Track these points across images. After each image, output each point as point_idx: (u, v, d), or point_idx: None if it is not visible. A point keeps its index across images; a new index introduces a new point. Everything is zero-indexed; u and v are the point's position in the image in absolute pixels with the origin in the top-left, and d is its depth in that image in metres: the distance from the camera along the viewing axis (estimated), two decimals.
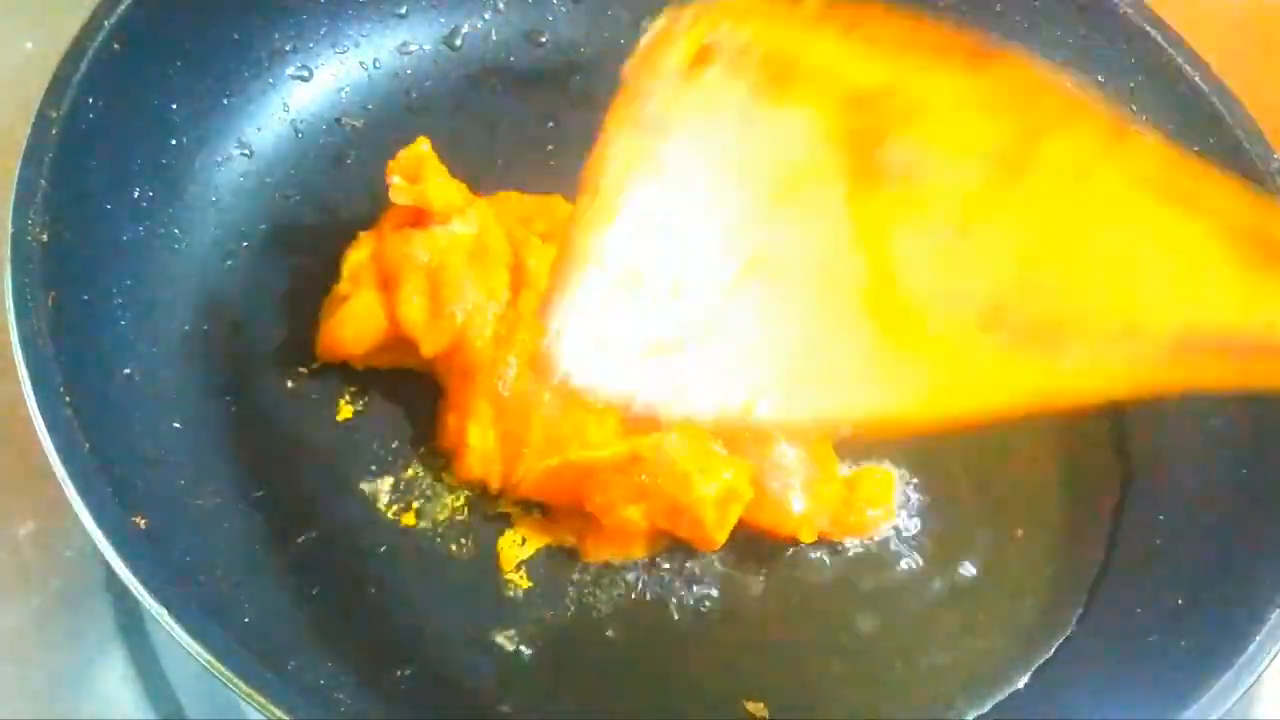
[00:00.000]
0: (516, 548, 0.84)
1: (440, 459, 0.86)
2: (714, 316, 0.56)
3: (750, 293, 0.56)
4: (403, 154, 0.88)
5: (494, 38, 1.09)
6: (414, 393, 0.89)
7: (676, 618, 0.83)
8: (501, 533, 0.84)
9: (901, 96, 0.56)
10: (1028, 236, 0.54)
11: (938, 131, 0.56)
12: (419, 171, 0.88)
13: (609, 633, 0.82)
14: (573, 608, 0.82)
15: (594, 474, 0.81)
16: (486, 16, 1.09)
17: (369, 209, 0.92)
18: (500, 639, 0.80)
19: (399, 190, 0.87)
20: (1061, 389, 0.53)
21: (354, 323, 0.86)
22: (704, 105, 0.58)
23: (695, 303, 0.56)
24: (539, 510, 0.85)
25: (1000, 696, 0.82)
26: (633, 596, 0.83)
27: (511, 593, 0.82)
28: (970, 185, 0.54)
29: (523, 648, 0.80)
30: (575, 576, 0.83)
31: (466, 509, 0.85)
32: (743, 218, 0.57)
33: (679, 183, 0.58)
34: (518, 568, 0.83)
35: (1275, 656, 0.73)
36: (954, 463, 0.91)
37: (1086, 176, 0.54)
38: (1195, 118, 0.97)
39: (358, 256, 0.88)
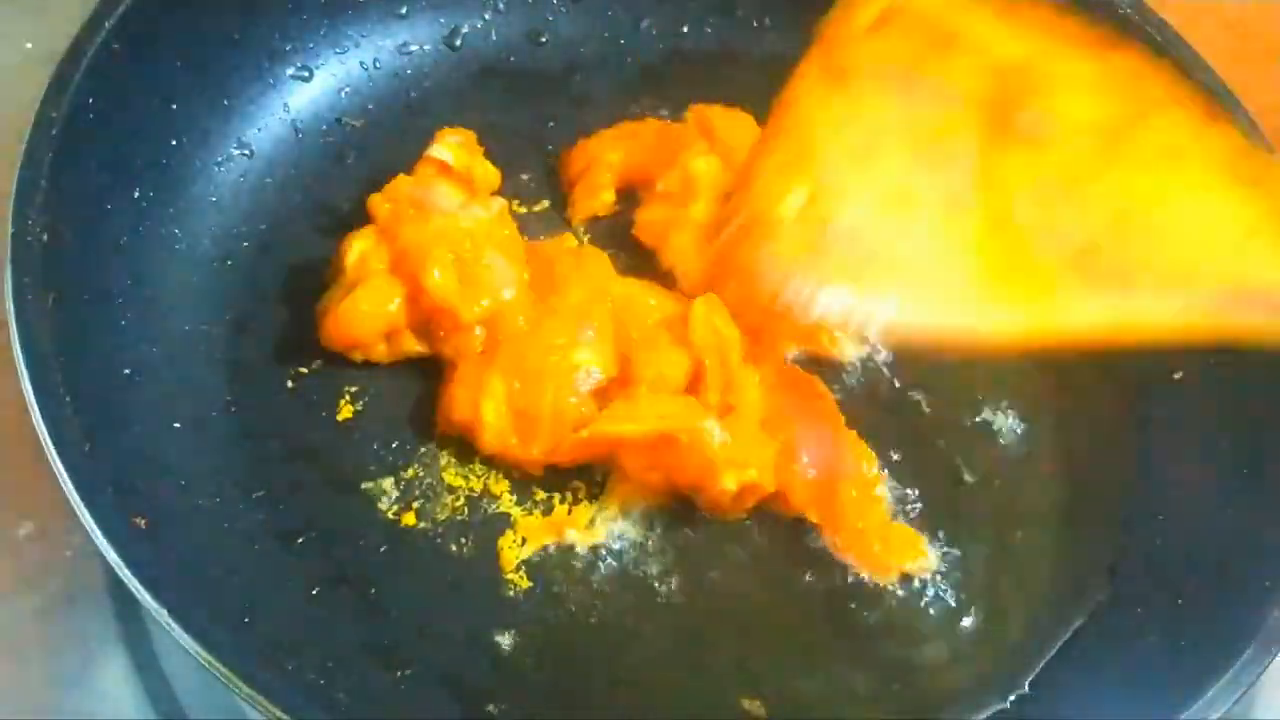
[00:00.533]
0: (516, 548, 0.84)
1: (444, 447, 0.87)
2: (859, 238, 0.72)
3: (891, 220, 0.71)
4: (458, 130, 0.95)
5: (494, 38, 1.09)
6: (414, 393, 0.89)
7: (675, 619, 0.83)
8: (501, 533, 0.84)
9: (1036, 71, 0.72)
10: (1123, 195, 0.68)
11: (1062, 103, 0.71)
12: (468, 146, 0.94)
13: (608, 633, 0.82)
14: (572, 608, 0.82)
15: (622, 444, 0.84)
16: (486, 16, 1.09)
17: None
18: (500, 639, 0.80)
19: (450, 150, 0.92)
20: (1128, 326, 0.66)
21: (367, 305, 0.86)
22: (881, 59, 0.73)
23: (847, 225, 0.72)
24: (539, 510, 0.85)
25: (1001, 697, 0.83)
26: (632, 597, 0.83)
27: (511, 593, 0.82)
28: (1082, 149, 0.69)
29: (522, 648, 0.80)
30: (575, 577, 0.83)
31: (466, 509, 0.85)
32: (898, 157, 0.72)
33: (853, 123, 0.73)
34: (517, 568, 0.83)
35: (1275, 656, 0.73)
36: (955, 465, 0.91)
37: (1176, 152, 0.68)
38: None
39: (362, 245, 0.88)
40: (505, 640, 0.80)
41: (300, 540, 0.81)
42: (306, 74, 1.01)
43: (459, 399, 0.85)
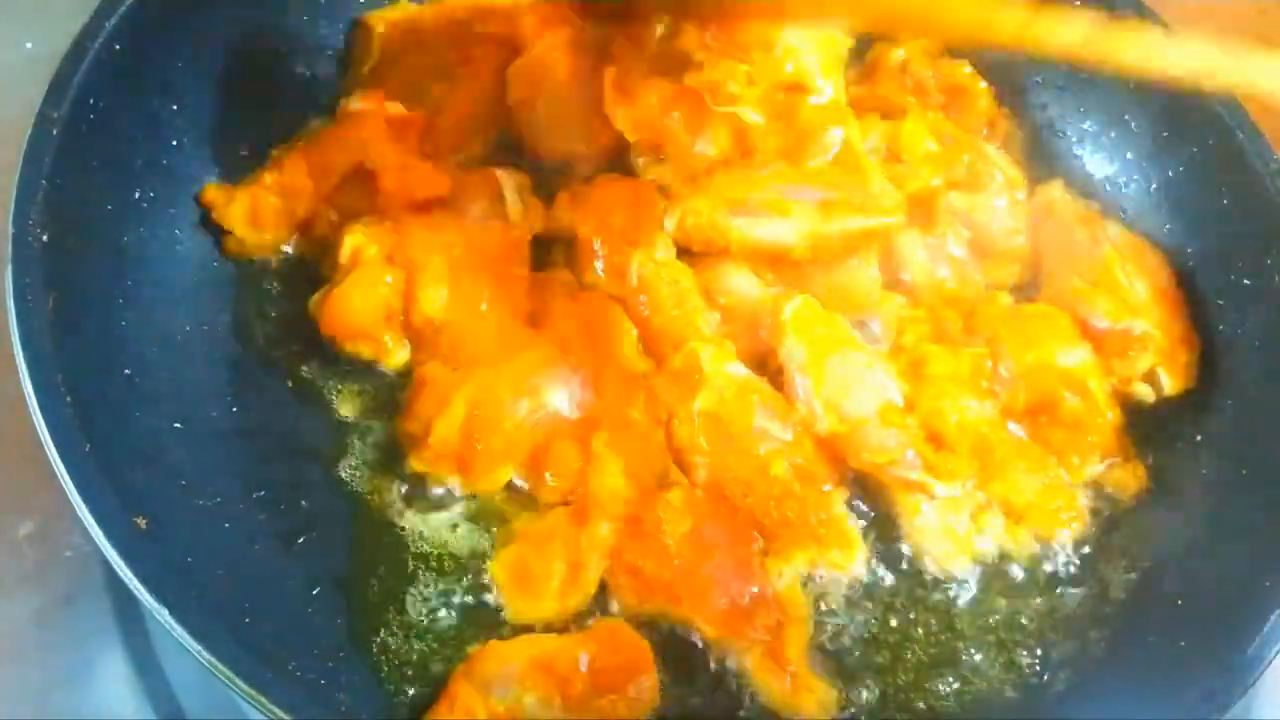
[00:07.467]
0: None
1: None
2: None
3: None
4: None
5: None
6: None
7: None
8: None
9: None
10: None
11: None
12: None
13: None
14: None
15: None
16: None
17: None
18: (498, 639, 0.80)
19: (514, 187, 0.93)
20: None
21: (361, 289, 0.87)
22: None
23: None
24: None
25: (1000, 698, 0.83)
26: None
27: None
28: None
29: None
30: None
31: (467, 509, 0.85)
32: None
33: None
34: None
35: (1275, 656, 0.74)
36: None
37: None
38: (1195, 118, 0.97)
39: (355, 239, 0.88)
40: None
41: (300, 540, 0.81)
42: (308, 74, 1.01)
43: (416, 411, 0.85)
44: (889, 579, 0.85)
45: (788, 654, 0.79)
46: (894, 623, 0.84)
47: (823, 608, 0.83)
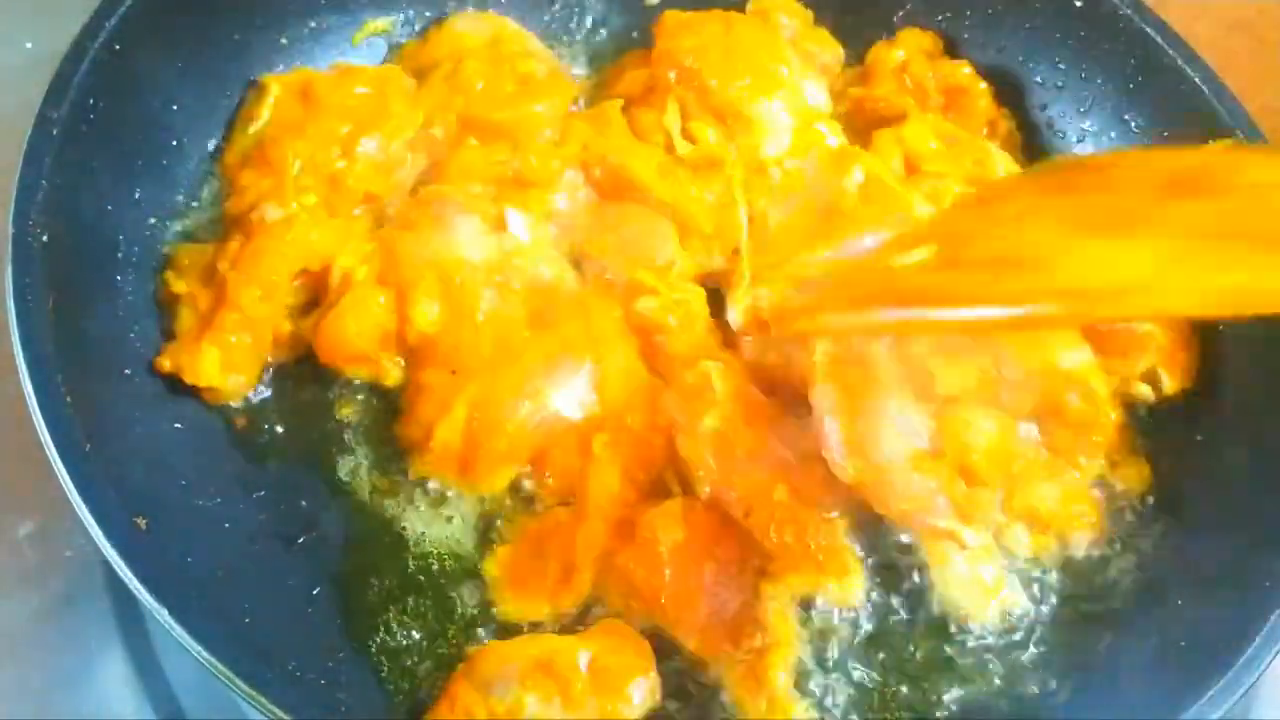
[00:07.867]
0: None
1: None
2: None
3: None
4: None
5: None
6: None
7: None
8: (501, 532, 0.84)
9: None
10: None
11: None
12: None
13: None
14: None
15: None
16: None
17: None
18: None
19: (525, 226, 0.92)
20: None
21: (353, 317, 0.86)
22: None
23: None
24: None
25: (999, 699, 0.83)
26: None
27: None
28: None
29: None
30: None
31: (467, 510, 0.85)
32: None
33: None
34: None
35: (1275, 656, 0.74)
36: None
37: None
38: (1195, 118, 0.97)
39: (345, 262, 0.88)
40: None
41: (300, 540, 0.82)
42: None
43: (416, 416, 0.85)
44: (889, 591, 0.85)
45: (768, 676, 0.78)
46: (893, 623, 0.84)
47: (821, 623, 0.82)
